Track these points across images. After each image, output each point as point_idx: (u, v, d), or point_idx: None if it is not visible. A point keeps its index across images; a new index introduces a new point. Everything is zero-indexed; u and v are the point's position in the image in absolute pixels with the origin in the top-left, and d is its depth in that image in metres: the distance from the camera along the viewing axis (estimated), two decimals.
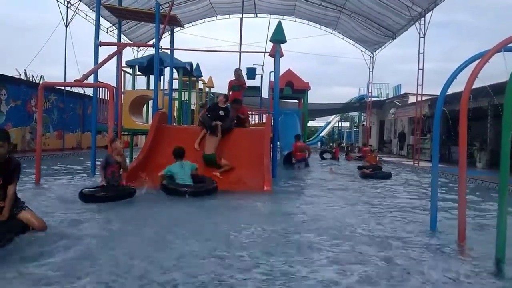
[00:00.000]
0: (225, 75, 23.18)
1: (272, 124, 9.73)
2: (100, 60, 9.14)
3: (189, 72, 13.53)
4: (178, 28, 14.25)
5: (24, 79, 18.94)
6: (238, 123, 9.36)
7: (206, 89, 17.60)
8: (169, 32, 11.96)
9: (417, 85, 16.18)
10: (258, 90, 18.90)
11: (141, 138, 19.44)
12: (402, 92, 26.34)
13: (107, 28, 21.19)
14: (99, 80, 9.45)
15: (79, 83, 8.34)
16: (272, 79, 13.64)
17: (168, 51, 11.86)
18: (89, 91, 17.65)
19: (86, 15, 19.14)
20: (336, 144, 26.13)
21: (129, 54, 24.02)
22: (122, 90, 10.47)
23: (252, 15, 24.16)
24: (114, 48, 9.68)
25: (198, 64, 14.68)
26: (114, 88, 9.21)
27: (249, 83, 15.35)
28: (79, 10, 18.26)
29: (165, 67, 12.59)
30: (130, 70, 12.68)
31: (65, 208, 5.19)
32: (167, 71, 12.79)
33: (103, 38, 11.73)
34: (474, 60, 3.90)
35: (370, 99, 25.81)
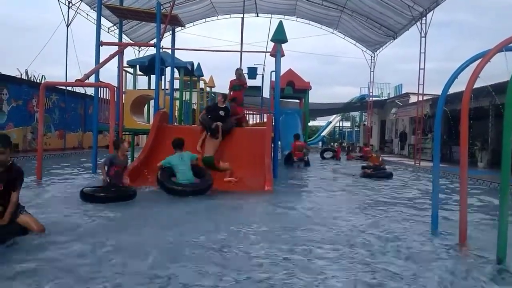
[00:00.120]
0: (226, 74, 23.22)
1: (273, 123, 9.73)
2: (101, 60, 9.16)
3: (190, 71, 13.54)
4: (179, 28, 14.31)
5: (26, 79, 18.95)
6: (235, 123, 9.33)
7: (207, 88, 17.61)
8: (170, 31, 11.98)
9: (418, 84, 16.14)
10: (259, 89, 18.90)
11: (142, 137, 19.47)
12: (403, 92, 26.31)
13: (108, 28, 21.19)
14: (100, 80, 9.48)
15: (80, 83, 8.36)
16: (273, 79, 13.62)
17: (169, 51, 11.89)
18: (90, 91, 17.70)
19: (88, 14, 19.14)
20: (338, 143, 26.09)
21: (130, 53, 24.05)
22: (123, 90, 10.49)
23: (253, 15, 24.15)
24: (115, 48, 9.70)
25: (199, 63, 14.68)
26: (115, 88, 9.22)
27: (250, 82, 15.38)
28: (80, 10, 18.31)
29: (166, 67, 12.59)
30: (131, 70, 12.68)
31: (65, 207, 5.20)
32: (168, 70, 12.79)
33: (104, 38, 11.77)
34: (475, 60, 3.90)
35: (371, 98, 25.77)
